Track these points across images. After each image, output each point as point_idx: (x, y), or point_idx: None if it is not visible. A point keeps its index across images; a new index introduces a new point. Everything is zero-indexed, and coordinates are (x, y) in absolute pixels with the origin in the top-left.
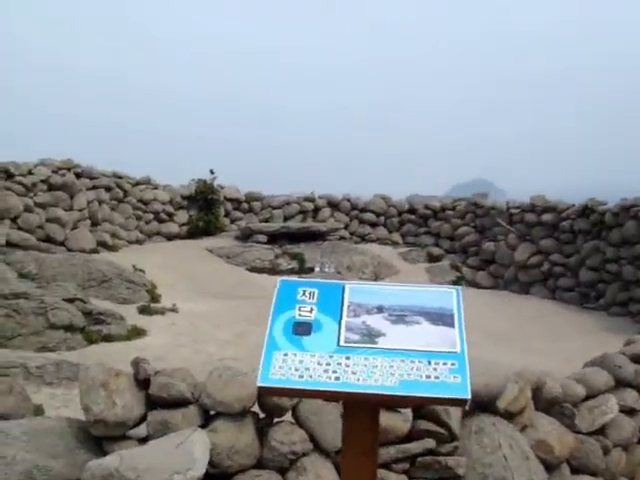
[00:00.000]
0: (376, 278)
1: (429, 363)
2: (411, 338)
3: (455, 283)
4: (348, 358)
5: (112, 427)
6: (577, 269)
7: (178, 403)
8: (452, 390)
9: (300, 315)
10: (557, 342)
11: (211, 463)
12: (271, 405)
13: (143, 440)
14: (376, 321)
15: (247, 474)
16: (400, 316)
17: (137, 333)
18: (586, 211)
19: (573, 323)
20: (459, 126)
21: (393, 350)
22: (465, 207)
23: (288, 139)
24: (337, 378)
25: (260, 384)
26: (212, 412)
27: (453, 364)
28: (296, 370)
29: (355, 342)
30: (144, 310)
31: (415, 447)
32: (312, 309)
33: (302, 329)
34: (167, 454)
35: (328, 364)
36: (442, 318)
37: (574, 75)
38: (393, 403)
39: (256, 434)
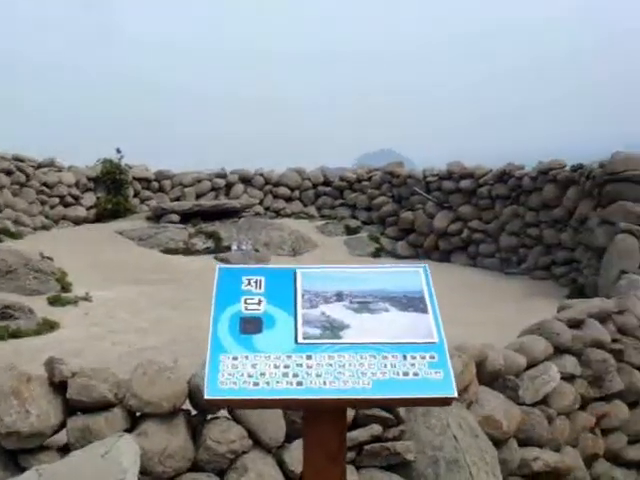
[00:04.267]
0: (295, 254)
1: (404, 357)
2: (380, 329)
3: (375, 254)
4: (310, 357)
5: (27, 439)
6: (497, 235)
7: (100, 406)
8: (435, 388)
9: (247, 309)
10: (486, 311)
11: (142, 470)
12: (204, 401)
13: (64, 449)
14: (337, 311)
15: (183, 478)
16: (363, 303)
17: (49, 326)
18: (504, 176)
19: (499, 290)
20: (363, 97)
21: (361, 344)
22: (381, 177)
23: (192, 118)
24: (299, 383)
25: (208, 397)
26: (139, 414)
27: (432, 357)
28: (250, 377)
29: (316, 337)
30: (55, 301)
31: (361, 435)
32: (260, 301)
33: (251, 326)
34: (92, 466)
35: (287, 366)
36: (412, 303)
37: (474, 41)
38: (368, 406)
39: (189, 434)
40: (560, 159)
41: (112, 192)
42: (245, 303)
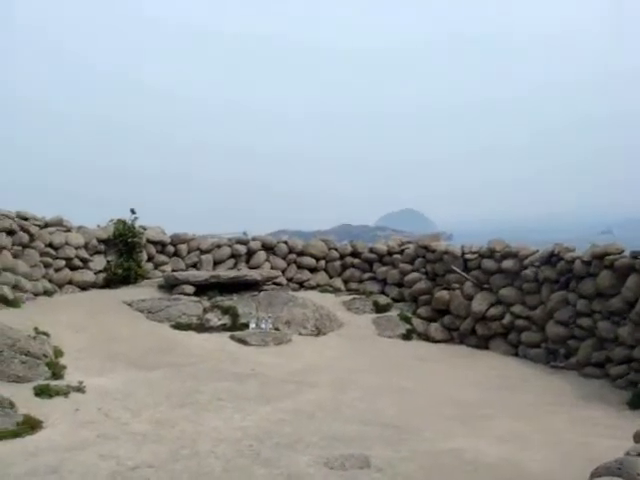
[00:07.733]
0: (319, 333)
1: None
2: None
3: (406, 336)
4: None
5: None
6: (543, 323)
7: None
8: None
9: None
10: (535, 418)
11: None
12: None
13: None
14: None
15: None
16: None
17: (30, 426)
18: (552, 258)
19: (546, 388)
20: (388, 155)
21: None
22: (414, 250)
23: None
24: None
25: None
26: None
27: None
28: None
29: None
30: (42, 391)
31: None
32: None
33: None
34: None
35: None
36: None
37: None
38: None
39: None
40: (617, 244)
41: (124, 256)
42: None
